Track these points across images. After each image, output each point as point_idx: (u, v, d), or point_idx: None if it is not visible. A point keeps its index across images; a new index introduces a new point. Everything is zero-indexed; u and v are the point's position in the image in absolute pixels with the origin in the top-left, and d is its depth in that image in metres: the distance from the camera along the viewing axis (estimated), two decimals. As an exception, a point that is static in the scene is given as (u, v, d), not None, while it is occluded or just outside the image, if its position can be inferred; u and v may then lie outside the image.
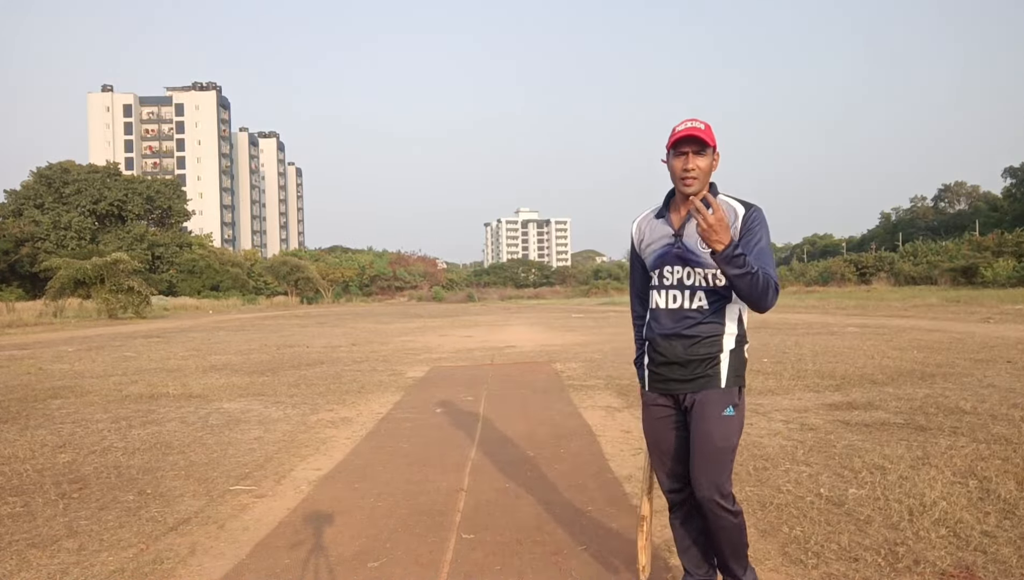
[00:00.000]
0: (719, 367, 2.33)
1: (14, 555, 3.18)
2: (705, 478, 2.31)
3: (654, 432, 2.50)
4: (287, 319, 30.69)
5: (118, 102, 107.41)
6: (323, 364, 11.16)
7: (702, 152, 2.29)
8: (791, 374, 8.17)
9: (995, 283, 39.28)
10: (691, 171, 2.28)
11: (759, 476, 4.11)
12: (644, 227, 2.50)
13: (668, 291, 2.38)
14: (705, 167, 2.30)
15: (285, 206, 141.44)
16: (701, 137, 2.26)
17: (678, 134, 2.29)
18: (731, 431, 2.33)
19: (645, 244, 2.48)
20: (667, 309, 2.38)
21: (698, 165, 2.28)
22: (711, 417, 2.31)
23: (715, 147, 2.32)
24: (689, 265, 2.34)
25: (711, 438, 2.30)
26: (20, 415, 6.88)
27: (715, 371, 2.33)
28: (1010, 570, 2.73)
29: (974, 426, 5.17)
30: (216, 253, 65.49)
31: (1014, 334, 12.37)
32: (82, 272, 32.61)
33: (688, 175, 2.28)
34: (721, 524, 2.34)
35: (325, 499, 3.97)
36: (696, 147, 2.28)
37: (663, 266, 2.39)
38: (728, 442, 2.32)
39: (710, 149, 2.30)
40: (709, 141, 2.28)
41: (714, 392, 2.32)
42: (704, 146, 2.28)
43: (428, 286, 78.99)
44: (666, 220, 2.42)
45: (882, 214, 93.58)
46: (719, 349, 2.34)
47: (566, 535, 3.31)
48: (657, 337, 2.41)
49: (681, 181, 2.31)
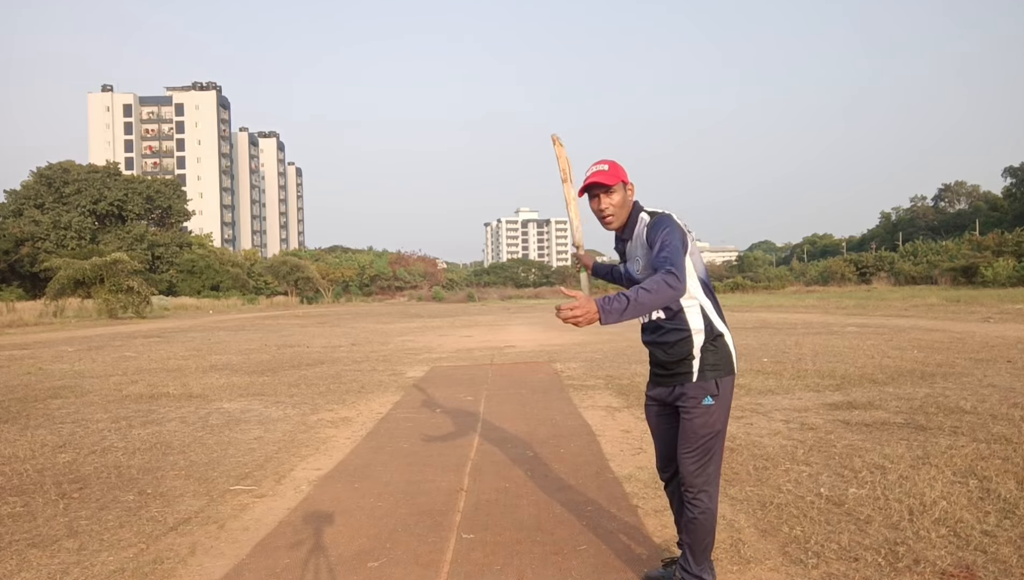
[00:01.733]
0: (692, 363, 2.52)
1: (14, 555, 3.18)
2: (689, 464, 2.51)
3: (650, 421, 2.77)
4: (287, 319, 30.69)
5: (118, 102, 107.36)
6: (323, 364, 11.16)
7: (610, 192, 2.52)
8: (791, 374, 8.17)
9: (995, 283, 39.29)
10: (605, 210, 2.54)
11: (759, 476, 4.11)
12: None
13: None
14: (618, 202, 2.53)
15: (285, 206, 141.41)
16: (604, 182, 2.49)
17: (584, 184, 2.53)
18: (712, 419, 2.50)
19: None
20: (649, 321, 2.60)
21: (611, 203, 2.53)
22: (691, 407, 2.51)
23: (625, 181, 2.54)
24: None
25: (692, 425, 2.50)
26: (20, 415, 6.88)
27: (689, 368, 2.53)
28: (1010, 570, 2.73)
29: (974, 426, 5.17)
30: (216, 253, 65.43)
31: (1014, 334, 12.36)
32: (82, 272, 32.61)
33: (604, 214, 2.55)
34: (694, 515, 2.51)
35: (325, 499, 3.97)
36: (603, 189, 2.52)
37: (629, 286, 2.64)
38: (710, 429, 2.50)
39: (619, 184, 2.52)
40: (612, 182, 2.50)
41: (690, 386, 2.51)
42: (609, 187, 2.51)
43: (428, 286, 78.99)
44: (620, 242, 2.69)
45: (882, 214, 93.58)
46: (690, 349, 2.52)
47: (566, 535, 3.31)
48: (645, 345, 2.68)
49: (602, 221, 2.57)
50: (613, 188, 2.50)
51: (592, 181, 2.50)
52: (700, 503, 2.50)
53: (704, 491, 2.50)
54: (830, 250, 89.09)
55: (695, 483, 2.50)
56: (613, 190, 2.51)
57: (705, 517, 2.50)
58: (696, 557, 2.54)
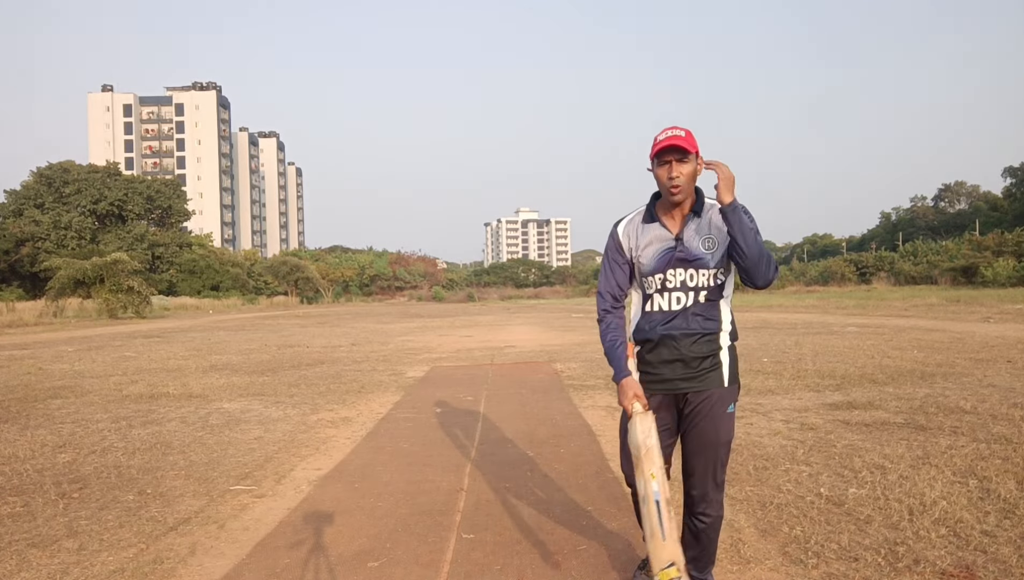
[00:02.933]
0: (720, 364, 2.42)
1: (14, 555, 3.18)
2: (709, 475, 2.42)
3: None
4: (287, 319, 30.69)
5: (118, 102, 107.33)
6: (323, 364, 11.16)
7: (684, 159, 2.33)
8: (791, 374, 8.17)
9: (995, 283, 39.25)
10: (676, 179, 2.33)
11: (759, 476, 4.11)
12: (632, 231, 2.51)
13: (671, 293, 2.43)
14: (689, 173, 2.35)
15: (285, 206, 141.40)
16: (682, 145, 2.31)
17: (660, 144, 2.33)
18: (732, 428, 2.45)
19: (639, 248, 2.48)
20: (670, 310, 2.43)
21: (682, 172, 2.33)
22: (717, 415, 2.40)
23: (697, 153, 2.36)
24: (692, 267, 2.40)
25: (717, 434, 2.40)
26: (20, 415, 6.88)
27: (717, 368, 2.42)
28: (1010, 570, 2.73)
29: (974, 426, 5.17)
30: (216, 253, 65.45)
31: (1014, 334, 12.36)
32: (82, 272, 32.61)
33: (674, 183, 2.34)
34: (711, 521, 2.44)
35: (325, 499, 3.97)
36: (678, 155, 2.33)
37: (666, 270, 2.42)
38: (730, 438, 2.44)
39: (692, 155, 2.35)
40: (690, 148, 2.32)
41: (719, 390, 2.41)
42: (686, 153, 2.33)
43: (428, 286, 79.02)
44: (660, 224, 2.45)
45: (882, 214, 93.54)
46: (718, 346, 2.43)
47: (566, 535, 3.31)
48: (658, 337, 2.44)
49: (668, 190, 2.37)
50: (688, 155, 2.33)
51: (670, 143, 2.31)
52: (714, 511, 2.44)
53: (718, 499, 2.45)
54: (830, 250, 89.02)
55: (714, 497, 2.43)
56: (687, 158, 2.33)
57: (719, 522, 2.47)
58: (710, 563, 2.53)
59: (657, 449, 2.28)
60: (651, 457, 2.28)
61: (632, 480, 2.44)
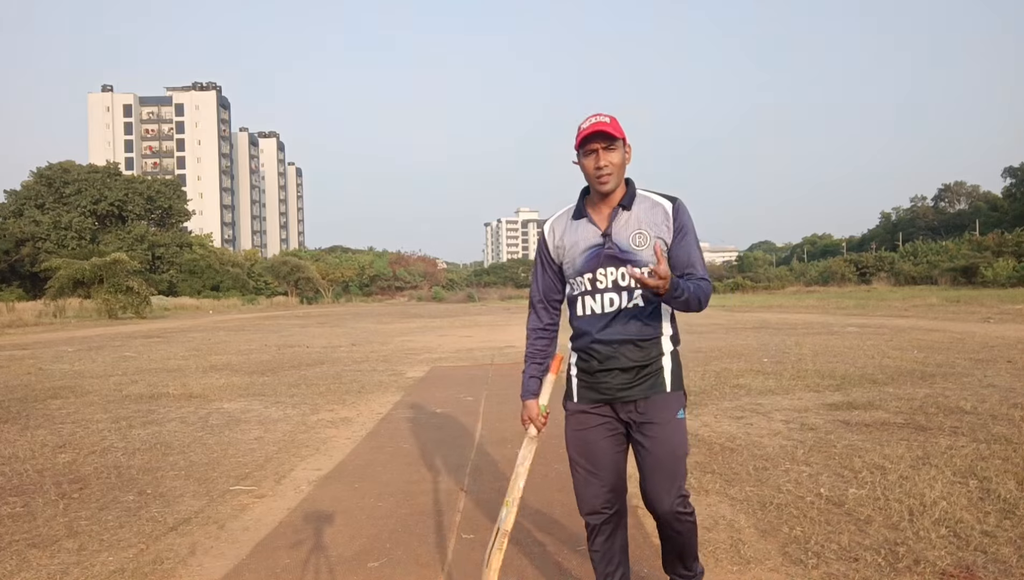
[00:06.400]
0: (663, 370, 2.25)
1: (14, 555, 3.18)
2: (669, 489, 2.20)
3: (585, 443, 2.37)
4: (287, 319, 30.69)
5: (118, 102, 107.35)
6: (323, 364, 11.16)
7: (611, 146, 2.18)
8: (791, 374, 8.17)
9: (995, 283, 39.27)
10: (603, 168, 2.18)
11: (759, 476, 4.11)
12: (559, 229, 2.35)
13: (603, 295, 2.25)
14: (617, 161, 2.19)
15: (285, 206, 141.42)
16: (608, 132, 2.15)
17: (584, 132, 2.17)
18: (685, 436, 2.26)
19: (565, 247, 2.32)
20: (603, 313, 2.25)
21: (610, 161, 2.18)
22: (666, 422, 2.21)
23: (624, 139, 2.21)
24: (623, 265, 2.21)
25: (671, 444, 2.20)
26: (20, 415, 6.88)
27: (659, 374, 2.24)
28: (1010, 570, 2.72)
29: (974, 426, 5.17)
30: (216, 253, 65.46)
31: (1014, 334, 12.36)
32: (82, 272, 32.65)
33: (602, 173, 2.18)
34: (682, 530, 2.26)
35: (325, 499, 3.97)
36: (605, 143, 2.17)
37: (595, 269, 2.25)
38: (684, 448, 2.24)
39: (619, 142, 2.19)
40: (617, 134, 2.16)
41: (662, 397, 2.23)
42: (613, 140, 2.17)
43: (428, 286, 79.00)
44: (588, 220, 2.28)
45: (882, 214, 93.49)
46: (660, 351, 2.26)
47: (566, 535, 3.31)
48: (593, 344, 2.29)
49: (596, 180, 2.21)
50: (616, 142, 2.17)
51: (595, 129, 2.14)
52: (687, 515, 2.25)
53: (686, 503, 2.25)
54: (830, 250, 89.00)
55: (677, 508, 2.21)
56: (615, 145, 2.17)
57: (693, 526, 2.29)
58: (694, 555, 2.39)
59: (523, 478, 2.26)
60: (516, 484, 2.25)
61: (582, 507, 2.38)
